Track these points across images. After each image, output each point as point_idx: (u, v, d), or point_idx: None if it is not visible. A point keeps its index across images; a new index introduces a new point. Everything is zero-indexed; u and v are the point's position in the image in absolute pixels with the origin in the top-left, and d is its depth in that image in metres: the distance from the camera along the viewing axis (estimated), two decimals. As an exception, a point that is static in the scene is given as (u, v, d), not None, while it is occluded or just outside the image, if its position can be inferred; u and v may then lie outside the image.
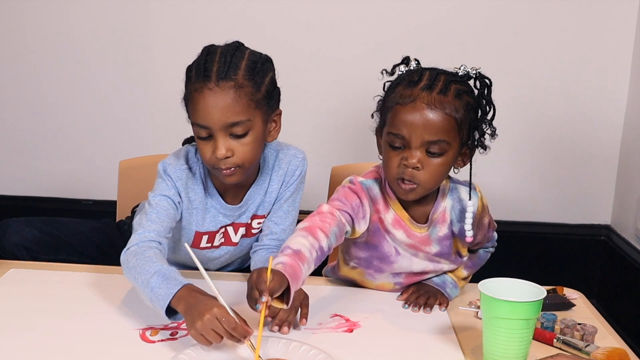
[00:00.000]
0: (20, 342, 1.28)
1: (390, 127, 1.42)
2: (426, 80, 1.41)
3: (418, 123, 1.39)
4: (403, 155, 1.41)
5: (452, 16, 2.61)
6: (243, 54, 1.50)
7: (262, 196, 1.64)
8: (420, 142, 1.39)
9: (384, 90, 1.50)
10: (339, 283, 1.64)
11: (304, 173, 1.67)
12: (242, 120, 1.46)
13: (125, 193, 2.00)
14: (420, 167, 1.40)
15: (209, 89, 1.44)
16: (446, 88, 1.40)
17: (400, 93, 1.42)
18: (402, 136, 1.40)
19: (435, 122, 1.39)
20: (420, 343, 1.36)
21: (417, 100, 1.39)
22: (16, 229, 1.74)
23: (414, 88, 1.41)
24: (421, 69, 1.46)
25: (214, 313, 1.23)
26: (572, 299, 1.55)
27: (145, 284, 1.35)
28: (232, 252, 1.69)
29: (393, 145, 1.42)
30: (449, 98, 1.40)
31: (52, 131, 2.75)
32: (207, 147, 1.48)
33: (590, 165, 2.72)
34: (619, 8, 2.59)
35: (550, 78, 2.65)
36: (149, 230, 1.48)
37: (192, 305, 1.26)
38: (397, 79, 1.47)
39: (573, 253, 2.77)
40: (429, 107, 1.39)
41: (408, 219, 1.50)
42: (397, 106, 1.41)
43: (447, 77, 1.43)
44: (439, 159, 1.41)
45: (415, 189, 1.43)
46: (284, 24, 2.62)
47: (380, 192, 1.51)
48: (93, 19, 2.65)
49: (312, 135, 2.65)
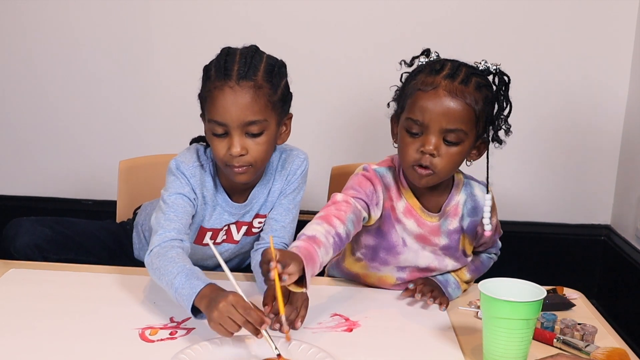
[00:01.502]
0: (20, 341, 1.28)
1: (410, 113, 1.43)
2: (448, 70, 1.43)
3: (438, 110, 1.40)
4: (420, 142, 1.42)
5: (453, 16, 2.61)
6: (261, 56, 1.54)
7: (266, 196, 1.65)
8: (439, 129, 1.41)
9: (401, 80, 1.52)
10: (339, 283, 1.64)
11: (306, 172, 1.68)
12: (259, 120, 1.49)
13: (125, 193, 2.00)
14: (437, 153, 1.42)
15: (229, 87, 1.47)
16: (467, 79, 1.42)
17: (422, 80, 1.43)
18: (420, 122, 1.42)
19: (455, 110, 1.41)
20: (420, 343, 1.36)
21: (438, 88, 1.41)
22: (28, 229, 1.75)
23: (436, 76, 1.43)
24: (443, 60, 1.48)
25: (229, 300, 1.25)
26: (572, 299, 1.55)
27: (170, 285, 1.37)
28: (232, 249, 1.70)
29: (411, 131, 1.44)
30: (469, 89, 1.42)
31: (53, 131, 2.75)
32: (221, 144, 1.50)
33: (590, 165, 2.72)
34: (619, 10, 2.59)
35: (549, 79, 2.65)
36: (169, 229, 1.49)
37: (212, 300, 1.28)
38: (418, 67, 1.49)
39: (573, 253, 2.77)
40: (450, 95, 1.41)
41: (420, 207, 1.52)
42: (419, 92, 1.43)
43: (468, 69, 1.45)
44: (455, 148, 1.43)
45: (431, 176, 1.44)
46: (284, 25, 2.62)
47: (393, 180, 1.53)
48: (93, 19, 2.65)
49: (312, 135, 2.65)
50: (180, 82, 2.67)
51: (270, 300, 1.39)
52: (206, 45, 2.62)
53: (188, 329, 1.36)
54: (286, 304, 1.37)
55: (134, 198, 1.98)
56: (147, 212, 1.79)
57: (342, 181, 2.04)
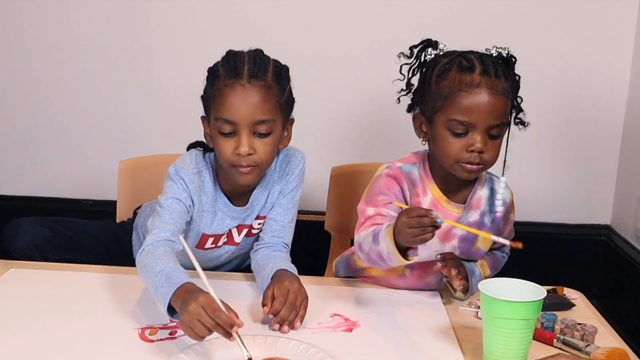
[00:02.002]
0: (19, 341, 1.28)
1: (453, 114, 1.44)
2: (479, 65, 1.45)
3: (485, 108, 1.43)
4: (467, 142, 1.44)
5: (453, 16, 2.61)
6: (268, 59, 1.54)
7: (266, 197, 1.65)
8: (485, 127, 1.44)
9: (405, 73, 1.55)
10: (339, 283, 1.64)
11: (303, 171, 1.68)
12: (268, 119, 1.49)
13: (125, 193, 2.00)
14: (485, 150, 1.45)
15: (241, 85, 1.48)
16: (498, 71, 1.45)
17: (459, 79, 1.45)
18: (467, 122, 1.43)
19: (499, 106, 1.44)
20: (420, 343, 1.36)
21: (481, 86, 1.43)
22: (28, 229, 1.75)
23: (472, 74, 1.44)
24: (462, 54, 1.50)
25: (199, 302, 1.22)
26: (572, 299, 1.55)
27: (151, 284, 1.36)
28: (232, 251, 1.70)
29: (455, 132, 1.45)
30: (503, 81, 1.45)
31: (52, 131, 2.75)
32: (228, 143, 1.50)
33: (590, 165, 2.72)
34: (619, 10, 2.59)
35: (549, 79, 2.65)
36: (164, 230, 1.49)
37: (184, 300, 1.26)
38: (442, 66, 1.49)
39: (573, 253, 2.77)
40: (493, 92, 1.43)
41: (445, 200, 1.54)
42: (460, 92, 1.44)
43: (492, 60, 1.48)
44: (497, 140, 1.47)
45: (480, 168, 1.47)
46: (284, 25, 2.62)
47: (419, 176, 1.55)
48: (93, 19, 2.64)
49: (312, 135, 2.65)
50: (180, 82, 2.67)
51: (270, 301, 1.39)
52: (206, 45, 2.65)
53: (188, 329, 1.35)
54: (285, 305, 1.37)
55: (134, 198, 1.98)
56: (146, 213, 1.79)
57: (342, 181, 2.05)
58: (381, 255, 1.36)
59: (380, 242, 1.35)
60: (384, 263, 1.38)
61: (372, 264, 1.43)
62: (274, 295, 1.40)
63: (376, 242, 1.37)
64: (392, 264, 1.36)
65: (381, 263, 1.39)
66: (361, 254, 1.44)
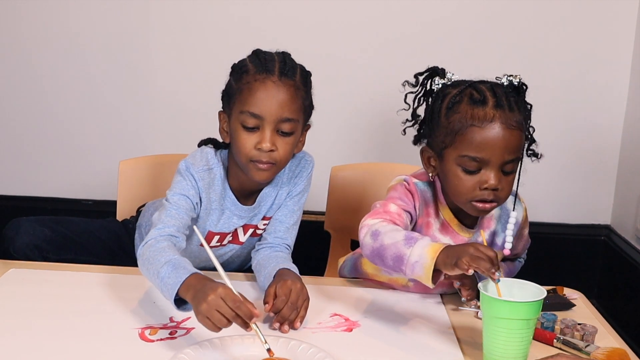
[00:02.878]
0: (19, 341, 1.28)
1: (465, 150, 1.37)
2: (492, 98, 1.38)
3: (500, 144, 1.36)
4: (480, 179, 1.38)
5: (452, 16, 2.61)
6: (295, 62, 1.56)
7: (274, 198, 1.66)
8: (500, 163, 1.37)
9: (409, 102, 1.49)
10: (339, 283, 1.64)
11: (311, 175, 1.69)
12: (293, 119, 1.51)
13: (125, 193, 2.00)
14: (500, 187, 1.39)
15: (272, 81, 1.49)
16: (511, 103, 1.38)
17: (471, 113, 1.37)
18: (480, 159, 1.37)
19: (514, 141, 1.38)
20: (420, 343, 1.36)
21: (494, 120, 1.36)
22: (28, 229, 1.75)
23: (485, 107, 1.37)
24: (472, 83, 1.42)
25: (219, 293, 1.22)
26: (572, 299, 1.55)
27: (156, 275, 1.35)
28: (236, 250, 1.71)
29: (467, 169, 1.39)
30: (517, 115, 1.38)
31: (52, 131, 2.75)
32: (250, 138, 1.50)
33: (590, 165, 2.72)
34: (619, 10, 2.59)
35: (549, 78, 2.65)
36: (169, 225, 1.49)
37: (199, 290, 1.26)
38: (450, 97, 1.41)
39: (573, 253, 2.77)
40: (508, 126, 1.36)
41: (457, 224, 1.50)
42: (473, 128, 1.36)
43: (505, 91, 1.40)
44: (511, 175, 1.41)
45: (494, 207, 1.42)
46: (284, 25, 2.62)
47: (432, 197, 1.50)
48: (93, 19, 2.65)
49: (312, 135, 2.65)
50: (181, 82, 2.67)
51: (271, 299, 1.39)
52: (206, 46, 2.65)
53: (188, 328, 1.36)
54: (287, 304, 1.37)
55: (134, 198, 1.98)
56: (150, 213, 1.79)
57: (342, 181, 2.05)
58: (400, 257, 1.30)
59: (415, 247, 1.29)
60: (391, 263, 1.33)
61: (375, 257, 1.36)
62: (276, 293, 1.40)
63: (409, 245, 1.30)
64: (405, 271, 1.31)
65: (387, 262, 1.33)
66: (371, 240, 1.37)
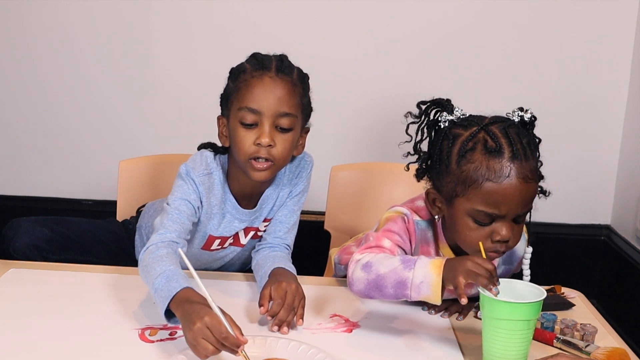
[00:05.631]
0: (19, 341, 1.28)
1: (480, 205, 1.32)
2: (508, 147, 1.31)
3: (516, 199, 1.31)
4: (491, 230, 1.34)
5: (452, 18, 2.61)
6: (292, 63, 1.56)
7: (274, 200, 1.65)
8: (514, 216, 1.34)
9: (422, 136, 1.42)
10: (339, 283, 1.64)
11: (310, 174, 1.69)
12: (291, 113, 1.51)
13: (125, 193, 2.00)
14: (511, 237, 1.35)
15: (269, 77, 1.50)
16: (525, 151, 1.32)
17: (486, 166, 1.31)
18: (496, 214, 1.32)
19: (530, 194, 1.34)
20: (420, 343, 1.36)
21: (511, 176, 1.30)
22: (27, 229, 1.75)
23: (502, 159, 1.31)
24: (485, 127, 1.34)
25: (205, 322, 1.20)
26: (570, 298, 1.55)
27: (151, 285, 1.36)
28: (238, 252, 1.70)
29: (481, 222, 1.34)
30: (532, 163, 1.33)
31: (52, 131, 2.75)
32: (248, 135, 1.50)
33: (590, 165, 2.72)
34: (619, 10, 2.59)
35: (550, 78, 2.65)
36: (171, 230, 1.48)
37: (187, 313, 1.24)
38: (462, 143, 1.34)
39: (573, 253, 2.77)
40: (525, 180, 1.31)
41: None
42: (489, 183, 1.30)
43: (516, 132, 1.34)
44: (522, 223, 1.38)
45: (504, 253, 1.40)
46: (284, 25, 2.62)
47: (433, 237, 1.47)
48: (93, 19, 2.64)
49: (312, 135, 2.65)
50: (180, 83, 2.67)
51: (267, 301, 1.38)
52: (206, 46, 2.65)
53: (188, 329, 1.35)
54: (283, 307, 1.37)
55: (134, 198, 1.98)
56: (150, 214, 1.79)
57: (341, 181, 2.05)
58: (403, 282, 1.28)
59: (416, 268, 1.28)
60: (392, 292, 1.30)
61: (371, 289, 1.33)
62: (271, 296, 1.39)
63: (408, 268, 1.29)
64: (409, 295, 1.28)
65: (387, 291, 1.31)
66: (364, 273, 1.34)
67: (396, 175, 2.00)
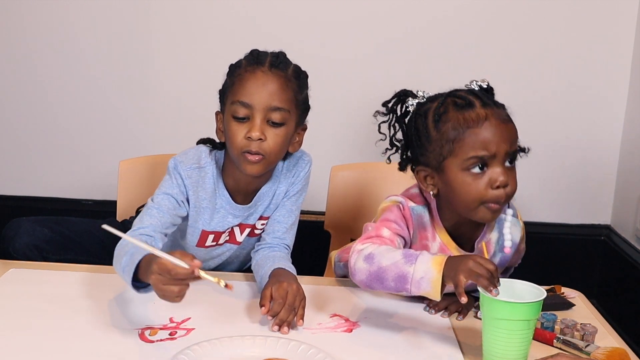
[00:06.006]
0: (19, 341, 1.28)
1: (470, 152, 1.36)
2: (477, 99, 1.38)
3: (501, 137, 1.36)
4: (489, 178, 1.36)
5: (452, 17, 2.61)
6: (289, 60, 1.57)
7: (271, 198, 1.65)
8: (504, 155, 1.37)
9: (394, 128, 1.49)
10: (339, 283, 1.64)
11: (309, 174, 1.69)
12: (283, 108, 1.51)
13: (125, 193, 2.00)
14: (509, 182, 1.38)
15: (262, 71, 1.51)
16: (494, 101, 1.40)
17: (463, 117, 1.37)
18: (488, 156, 1.36)
19: (512, 132, 1.39)
20: (420, 343, 1.36)
21: (489, 119, 1.36)
22: (27, 229, 1.75)
23: (475, 109, 1.37)
24: (450, 93, 1.42)
25: (154, 270, 1.23)
26: (570, 298, 1.55)
27: (120, 268, 1.37)
28: (234, 250, 1.70)
29: (475, 171, 1.37)
30: (503, 110, 1.40)
31: (52, 131, 2.75)
32: (240, 128, 1.51)
33: (590, 165, 2.72)
34: (619, 10, 2.59)
35: (550, 78, 2.65)
36: (145, 225, 1.50)
37: (147, 273, 1.26)
38: (433, 110, 1.40)
39: (573, 253, 2.77)
40: (502, 121, 1.38)
41: (455, 247, 1.48)
42: (471, 130, 1.36)
43: (480, 92, 1.41)
44: (514, 170, 1.41)
45: (504, 205, 1.42)
46: (284, 25, 2.62)
47: (430, 220, 1.48)
48: (93, 19, 2.65)
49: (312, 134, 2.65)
50: (180, 82, 2.67)
51: (268, 301, 1.39)
52: (207, 46, 2.65)
53: (188, 329, 1.36)
54: (284, 307, 1.37)
55: (134, 198, 1.98)
56: None
57: (341, 181, 2.05)
58: (403, 276, 1.29)
59: (417, 263, 1.29)
60: (393, 285, 1.32)
61: (373, 280, 1.34)
62: (272, 296, 1.39)
63: (410, 262, 1.30)
64: (409, 290, 1.30)
65: (388, 284, 1.32)
66: (366, 264, 1.35)
67: (396, 175, 2.00)
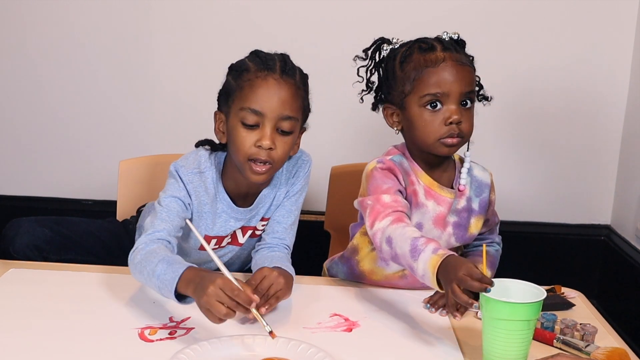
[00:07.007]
0: (19, 341, 1.28)
1: (425, 90, 1.48)
2: (439, 44, 1.51)
3: (455, 77, 1.47)
4: (443, 115, 1.48)
5: (451, 16, 2.61)
6: (294, 63, 1.57)
7: (272, 199, 1.65)
8: (458, 95, 1.48)
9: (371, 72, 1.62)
10: (338, 283, 1.64)
11: (309, 174, 1.69)
12: (293, 117, 1.51)
13: (125, 193, 2.00)
14: (463, 120, 1.48)
15: (274, 78, 1.50)
16: (456, 47, 1.51)
17: (423, 59, 1.50)
18: (441, 93, 1.47)
19: (467, 74, 1.50)
20: (420, 343, 1.36)
21: (446, 60, 1.48)
22: (28, 229, 1.75)
23: (435, 52, 1.50)
24: (418, 40, 1.54)
25: (217, 284, 1.24)
26: (570, 298, 1.56)
27: (151, 274, 1.36)
28: (236, 251, 1.71)
29: (432, 107, 1.49)
30: (463, 55, 1.52)
31: (53, 131, 2.75)
32: (249, 135, 1.49)
33: (590, 165, 2.72)
34: (620, 8, 2.59)
35: (550, 77, 2.65)
36: (159, 229, 1.49)
37: (198, 284, 1.28)
38: (403, 53, 1.53)
39: (573, 253, 2.77)
40: (459, 63, 1.49)
41: (437, 186, 1.57)
42: (428, 69, 1.48)
43: (450, 39, 1.54)
44: (470, 110, 1.51)
45: (460, 141, 1.50)
46: (284, 24, 2.62)
47: (409, 165, 1.57)
48: (93, 19, 2.64)
49: (312, 135, 2.65)
50: (181, 82, 2.67)
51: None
52: (207, 46, 2.65)
53: (187, 328, 1.36)
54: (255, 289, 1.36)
55: (134, 198, 1.98)
56: (149, 214, 1.79)
57: (341, 181, 2.05)
58: (411, 267, 1.36)
59: (419, 261, 1.34)
60: (407, 267, 1.39)
61: (395, 262, 1.43)
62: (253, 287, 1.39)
63: (414, 257, 1.35)
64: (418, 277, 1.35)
65: (404, 265, 1.40)
66: (388, 247, 1.41)
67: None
